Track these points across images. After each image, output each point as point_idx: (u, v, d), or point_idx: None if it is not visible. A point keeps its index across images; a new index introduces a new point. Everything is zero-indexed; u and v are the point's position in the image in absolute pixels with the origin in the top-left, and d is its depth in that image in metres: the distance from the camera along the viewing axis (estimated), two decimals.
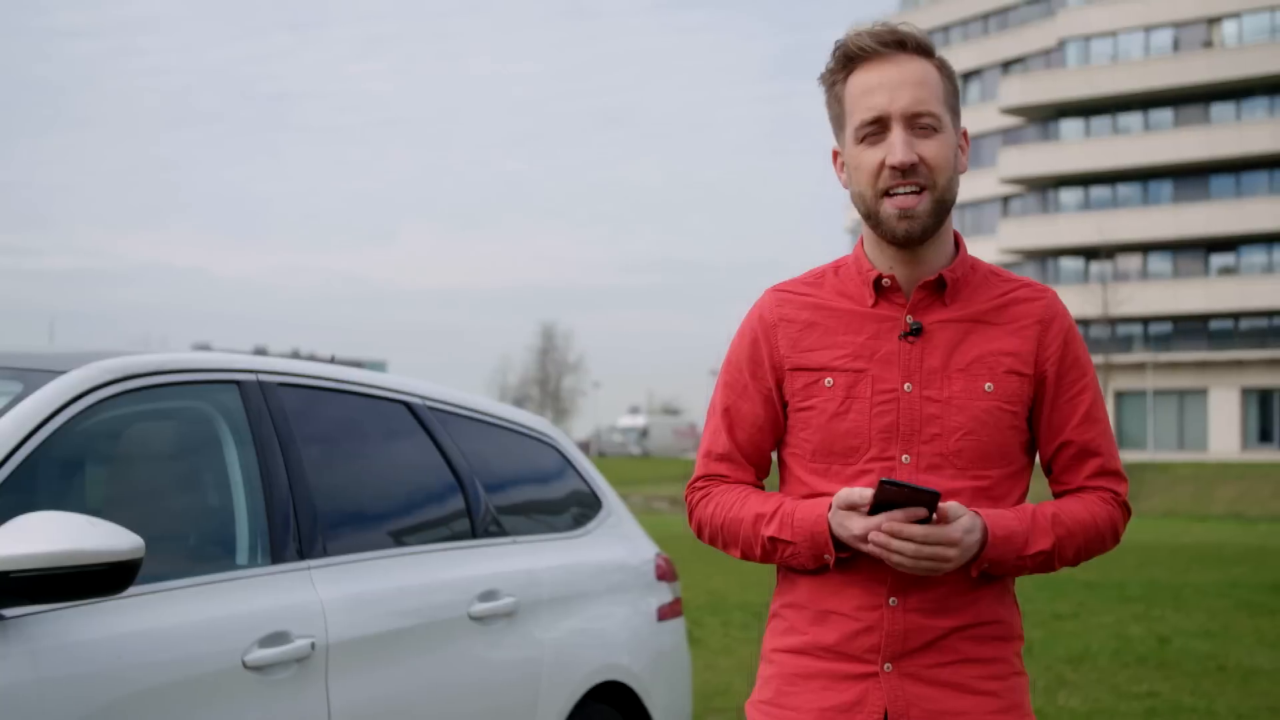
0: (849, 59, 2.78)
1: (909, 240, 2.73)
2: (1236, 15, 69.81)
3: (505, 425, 5.27)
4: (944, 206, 2.74)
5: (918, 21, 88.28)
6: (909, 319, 2.77)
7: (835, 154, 2.87)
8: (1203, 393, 66.47)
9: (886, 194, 2.72)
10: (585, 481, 5.56)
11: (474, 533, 4.80)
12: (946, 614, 2.72)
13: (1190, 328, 68.05)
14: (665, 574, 5.59)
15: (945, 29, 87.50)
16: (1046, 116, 75.96)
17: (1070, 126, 74.54)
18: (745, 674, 11.00)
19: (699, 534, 2.92)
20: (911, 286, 2.79)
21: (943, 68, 2.78)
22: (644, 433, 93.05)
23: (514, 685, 4.70)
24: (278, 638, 3.83)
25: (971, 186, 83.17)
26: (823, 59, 2.82)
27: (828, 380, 2.78)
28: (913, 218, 2.70)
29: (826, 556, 2.68)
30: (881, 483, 2.53)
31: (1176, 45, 70.07)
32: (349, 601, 4.10)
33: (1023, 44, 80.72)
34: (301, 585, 4.00)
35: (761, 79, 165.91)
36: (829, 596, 2.77)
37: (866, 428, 2.74)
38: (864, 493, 2.58)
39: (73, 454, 3.74)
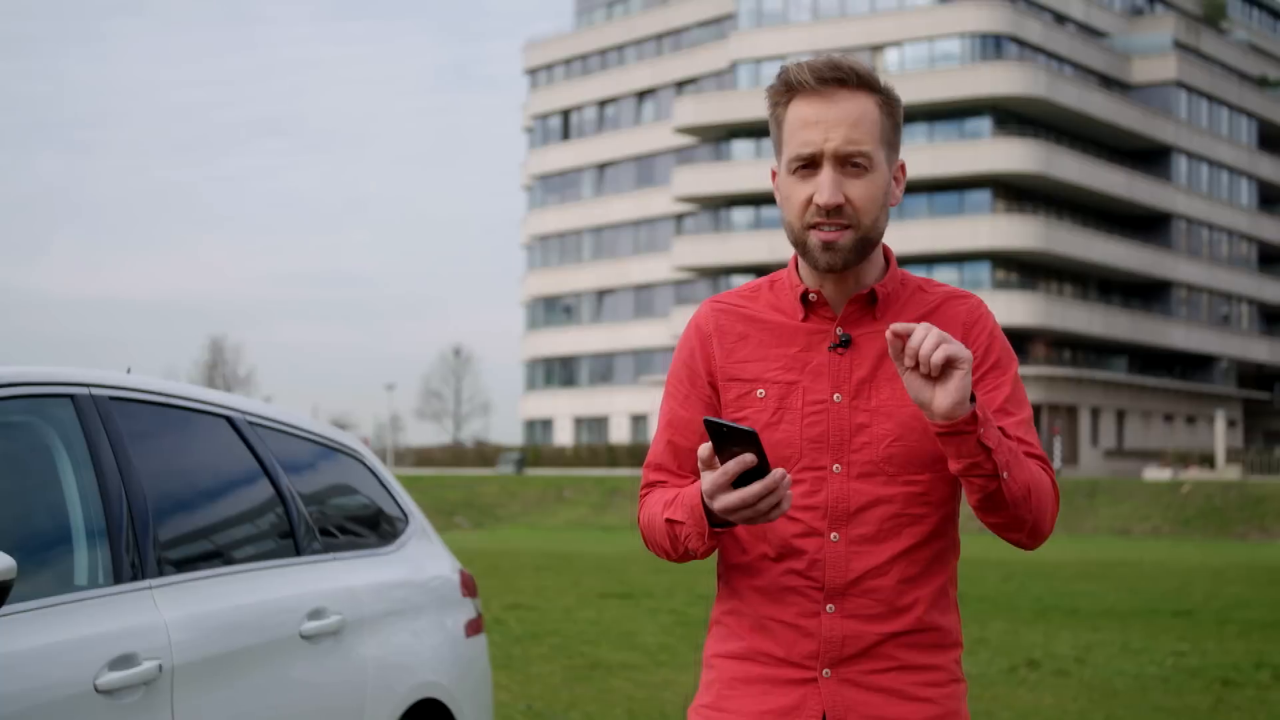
0: (789, 88, 2.80)
1: (831, 269, 2.79)
2: (898, 44, 72.76)
3: (316, 440, 5.19)
4: (868, 242, 2.79)
5: (593, 39, 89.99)
6: (839, 331, 2.84)
7: (774, 173, 2.91)
8: None
9: (812, 227, 2.77)
10: (392, 497, 5.51)
11: (297, 549, 4.72)
12: (884, 620, 2.79)
13: None
14: (467, 589, 5.58)
15: (620, 48, 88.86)
16: (719, 137, 77.75)
17: (741, 147, 76.41)
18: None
19: (645, 545, 2.95)
20: (840, 302, 2.86)
21: (885, 102, 2.80)
22: None
23: (341, 704, 4.64)
24: (126, 660, 3.71)
25: (645, 204, 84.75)
26: (491, 72, 2.79)
27: (760, 391, 2.84)
28: (835, 250, 2.76)
29: (704, 530, 2.70)
30: (704, 421, 2.57)
31: None
32: (191, 621, 4.00)
33: (696, 65, 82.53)
34: (144, 606, 3.88)
35: (427, 91, 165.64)
36: (768, 604, 2.82)
37: (798, 438, 2.80)
38: (709, 445, 2.60)
39: None
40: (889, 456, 2.79)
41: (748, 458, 2.54)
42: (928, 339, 2.54)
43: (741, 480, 2.58)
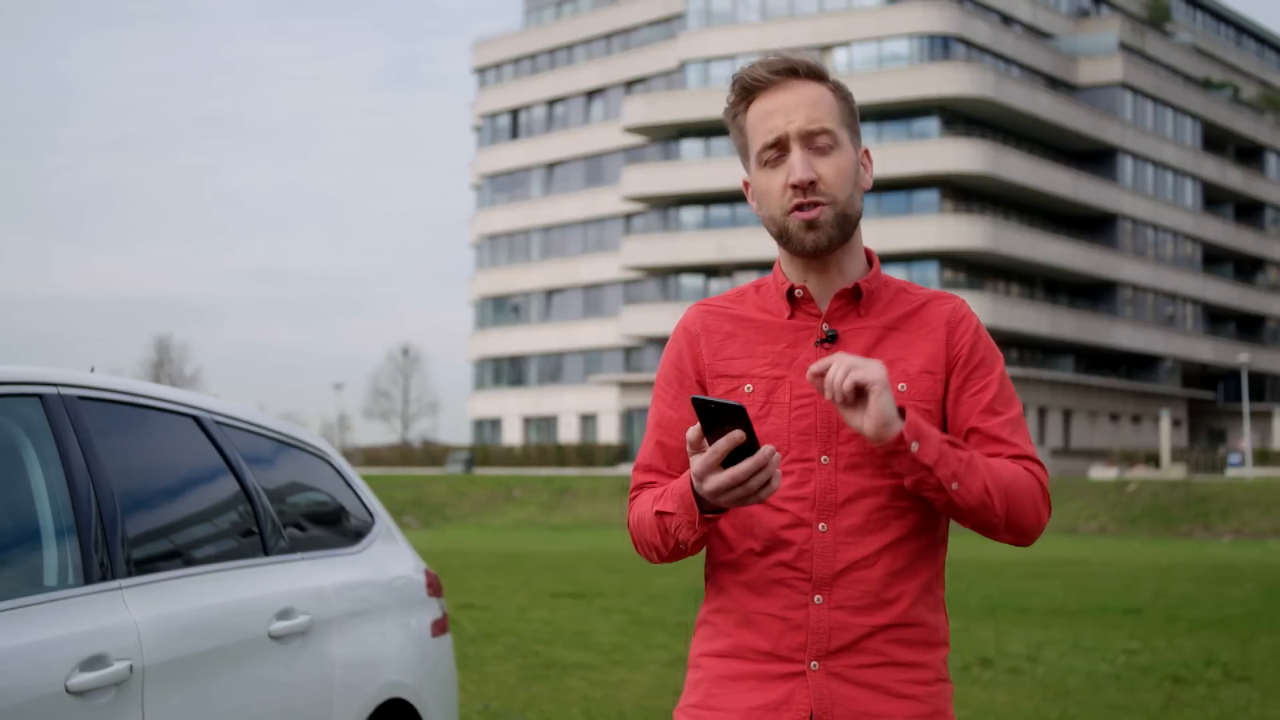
0: (746, 91, 2.88)
1: (817, 250, 2.82)
2: (847, 44, 72.96)
3: (283, 439, 5.18)
4: (847, 219, 2.84)
5: (542, 38, 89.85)
6: (825, 326, 2.87)
7: (746, 184, 2.97)
8: None
9: (791, 212, 2.81)
10: (358, 497, 5.50)
11: (265, 549, 4.70)
12: (870, 612, 2.80)
13: None
14: (433, 589, 5.57)
15: (569, 47, 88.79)
16: (668, 136, 77.78)
17: (690, 147, 76.46)
18: None
19: (635, 547, 2.95)
20: (825, 298, 2.89)
21: (838, 90, 2.89)
22: None
23: (310, 704, 4.63)
24: (97, 661, 3.68)
25: (594, 204, 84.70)
26: (440, 71, 2.83)
27: (747, 387, 2.86)
28: (818, 228, 2.80)
29: (695, 517, 2.72)
30: (691, 400, 2.59)
31: None
32: (161, 622, 3.97)
33: (645, 65, 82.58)
34: (115, 606, 3.85)
35: (375, 89, 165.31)
36: (755, 599, 2.83)
37: (786, 430, 2.83)
38: (696, 427, 2.64)
39: None
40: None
41: (737, 434, 2.56)
42: (838, 369, 2.64)
43: (731, 460, 2.59)
